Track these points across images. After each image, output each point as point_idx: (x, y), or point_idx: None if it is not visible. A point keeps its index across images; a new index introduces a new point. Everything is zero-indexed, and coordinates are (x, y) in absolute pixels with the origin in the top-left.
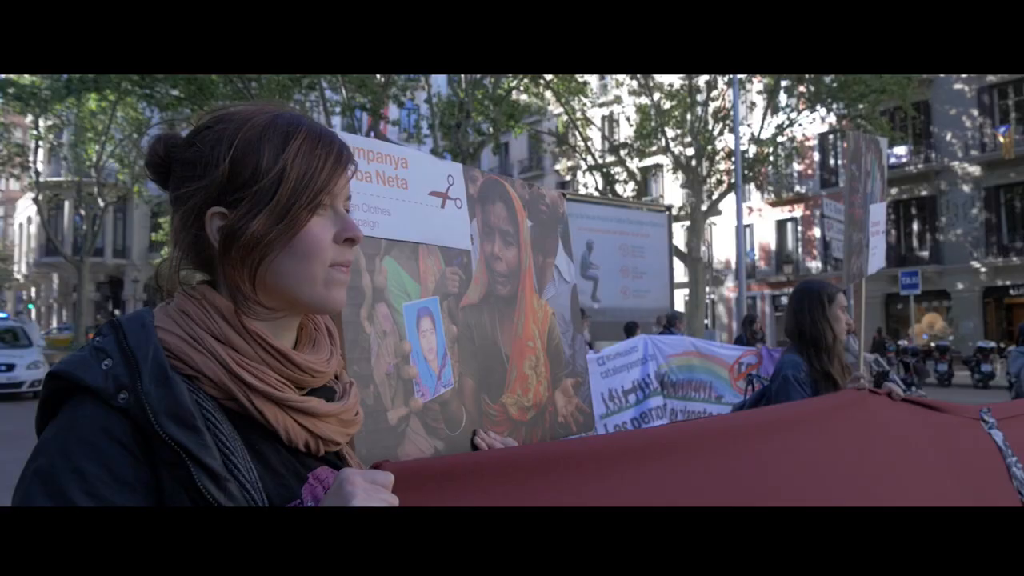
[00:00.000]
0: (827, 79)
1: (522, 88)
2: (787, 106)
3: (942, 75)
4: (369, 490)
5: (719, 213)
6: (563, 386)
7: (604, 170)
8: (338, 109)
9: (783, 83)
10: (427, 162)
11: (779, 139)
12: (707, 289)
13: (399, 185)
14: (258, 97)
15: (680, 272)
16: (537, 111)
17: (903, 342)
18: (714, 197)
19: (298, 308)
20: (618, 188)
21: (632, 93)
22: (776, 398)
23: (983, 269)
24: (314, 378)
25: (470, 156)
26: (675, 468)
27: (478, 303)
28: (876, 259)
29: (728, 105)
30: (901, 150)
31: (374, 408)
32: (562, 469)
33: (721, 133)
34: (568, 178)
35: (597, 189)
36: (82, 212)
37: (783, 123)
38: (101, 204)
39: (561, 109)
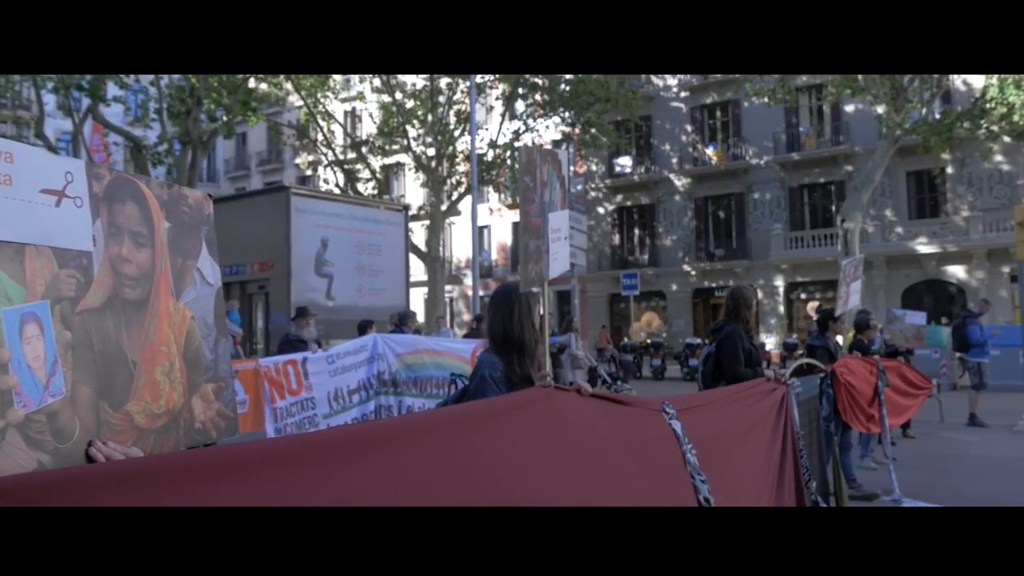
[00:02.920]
0: (561, 87)
1: (259, 76)
2: (524, 112)
3: (663, 92)
4: None
5: (459, 213)
6: (202, 391)
7: (345, 166)
8: (51, 85)
9: (520, 90)
10: (39, 157)
11: (516, 144)
12: (447, 287)
13: (2, 182)
14: None
15: (421, 270)
16: (277, 102)
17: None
18: (453, 197)
19: None
20: (359, 186)
21: (375, 91)
22: (474, 396)
23: (693, 272)
24: None
25: (202, 145)
26: (351, 467)
27: (100, 307)
28: (558, 264)
29: (469, 108)
30: (626, 160)
31: None
32: (183, 477)
33: (462, 135)
34: (309, 173)
35: (338, 185)
36: None
37: (519, 129)
38: None
39: (302, 102)
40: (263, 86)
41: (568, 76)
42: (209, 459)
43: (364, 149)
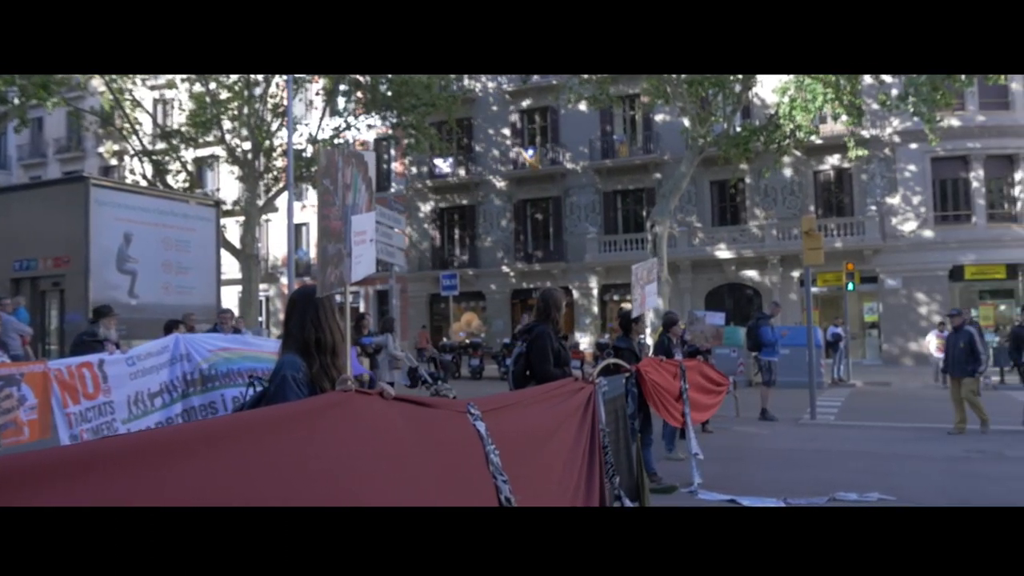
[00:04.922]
0: (382, 88)
1: None
2: (345, 110)
3: (481, 95)
4: None
5: (276, 210)
6: None
7: (154, 157)
8: None
9: (341, 87)
10: None
11: (336, 141)
12: (262, 286)
13: None
14: None
15: (235, 268)
16: (78, 85)
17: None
18: (270, 193)
19: None
20: (169, 178)
21: (186, 80)
22: (274, 398)
23: (512, 273)
24: None
25: None
26: (154, 472)
27: None
28: (362, 266)
29: (286, 102)
30: (444, 161)
31: None
32: None
33: (279, 129)
34: (114, 163)
35: (145, 177)
36: None
37: (340, 126)
38: None
39: (106, 87)
40: None
41: (390, 76)
42: None
43: (175, 140)
